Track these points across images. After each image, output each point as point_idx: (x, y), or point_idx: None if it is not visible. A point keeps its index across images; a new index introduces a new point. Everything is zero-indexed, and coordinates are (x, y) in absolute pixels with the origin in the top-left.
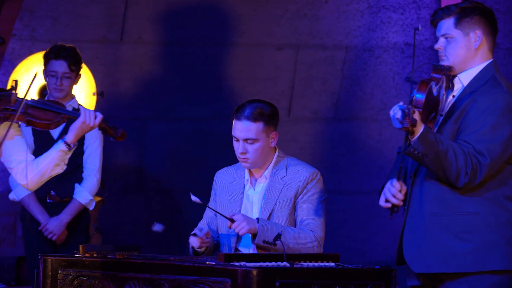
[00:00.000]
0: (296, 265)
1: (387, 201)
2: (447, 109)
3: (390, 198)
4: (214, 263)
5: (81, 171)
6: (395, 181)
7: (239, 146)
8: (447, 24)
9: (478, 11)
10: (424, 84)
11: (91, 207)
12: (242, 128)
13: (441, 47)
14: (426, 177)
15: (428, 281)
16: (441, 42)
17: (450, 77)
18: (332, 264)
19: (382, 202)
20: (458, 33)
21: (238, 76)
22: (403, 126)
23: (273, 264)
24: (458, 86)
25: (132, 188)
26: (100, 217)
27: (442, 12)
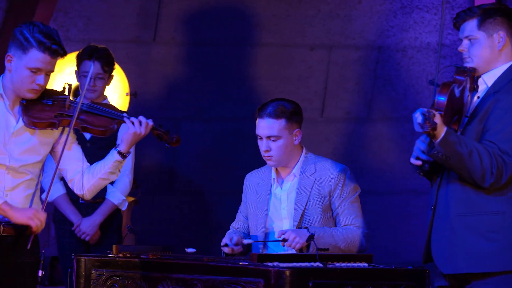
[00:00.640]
0: (329, 265)
1: (418, 158)
2: (472, 110)
3: (420, 154)
4: (247, 263)
5: None
6: (424, 137)
7: (262, 144)
8: (470, 26)
9: (501, 12)
10: (446, 86)
11: (124, 208)
12: (265, 126)
13: (464, 49)
14: (452, 179)
15: (456, 282)
16: (465, 44)
17: (474, 78)
18: (365, 265)
19: (413, 159)
20: (482, 34)
21: (270, 76)
22: (423, 130)
23: (306, 264)
24: (482, 87)
25: (165, 188)
26: (132, 217)
27: (465, 14)
